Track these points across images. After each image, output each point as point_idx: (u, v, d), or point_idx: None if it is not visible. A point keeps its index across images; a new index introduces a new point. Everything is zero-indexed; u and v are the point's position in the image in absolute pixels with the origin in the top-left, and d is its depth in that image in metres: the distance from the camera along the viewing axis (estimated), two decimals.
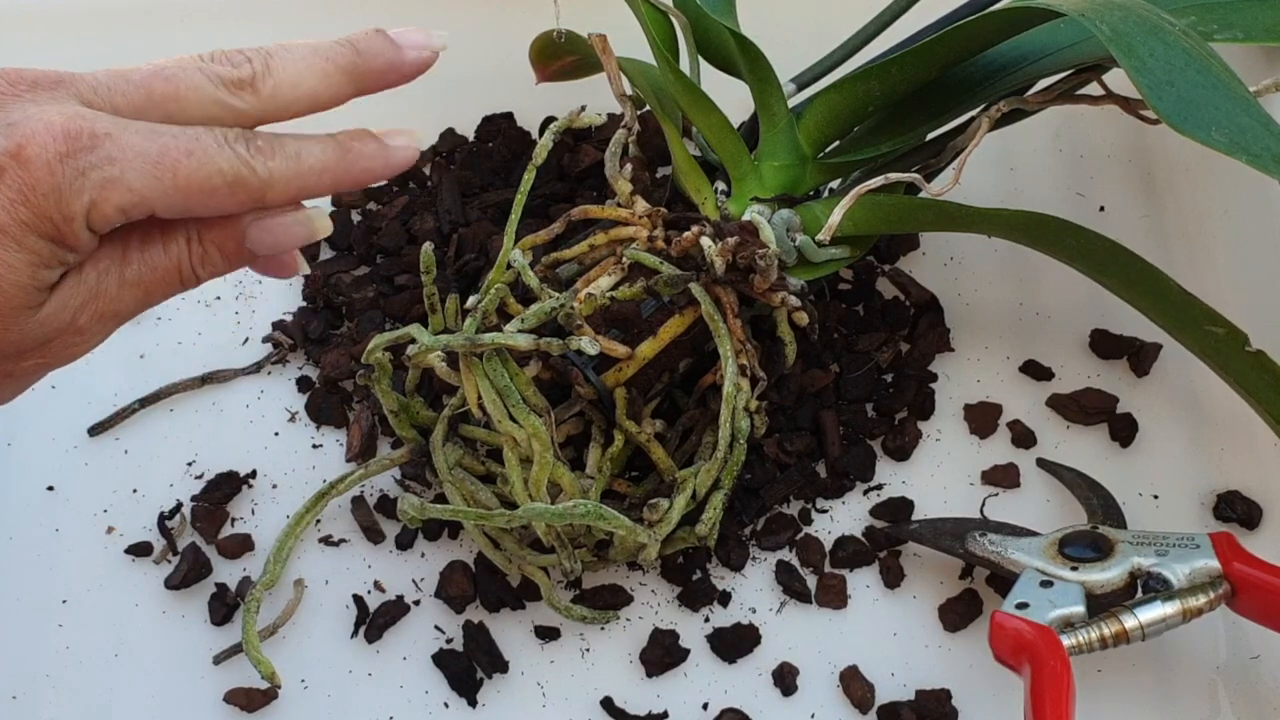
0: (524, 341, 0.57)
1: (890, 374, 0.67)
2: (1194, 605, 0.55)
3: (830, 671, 0.60)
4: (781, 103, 0.63)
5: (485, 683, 0.60)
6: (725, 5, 0.65)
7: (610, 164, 0.63)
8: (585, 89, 0.70)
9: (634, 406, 0.59)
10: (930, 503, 0.64)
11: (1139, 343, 0.68)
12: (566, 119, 0.63)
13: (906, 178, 0.59)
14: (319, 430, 0.67)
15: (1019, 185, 0.74)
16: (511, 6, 0.76)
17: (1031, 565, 0.57)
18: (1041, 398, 0.67)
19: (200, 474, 0.66)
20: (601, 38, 0.62)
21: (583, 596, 0.62)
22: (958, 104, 0.63)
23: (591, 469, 0.59)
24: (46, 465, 0.67)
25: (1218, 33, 0.59)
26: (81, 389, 0.69)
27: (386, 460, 0.63)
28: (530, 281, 0.60)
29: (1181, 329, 0.58)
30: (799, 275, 0.62)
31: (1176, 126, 0.48)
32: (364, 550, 0.64)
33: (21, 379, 0.49)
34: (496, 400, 0.57)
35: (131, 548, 0.64)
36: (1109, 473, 0.64)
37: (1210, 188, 0.72)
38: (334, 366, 0.67)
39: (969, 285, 0.71)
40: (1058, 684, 0.52)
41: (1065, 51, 0.62)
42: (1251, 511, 0.63)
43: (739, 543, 0.63)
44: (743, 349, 0.59)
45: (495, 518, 0.57)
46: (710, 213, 0.62)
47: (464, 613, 0.62)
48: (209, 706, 0.60)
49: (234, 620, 0.62)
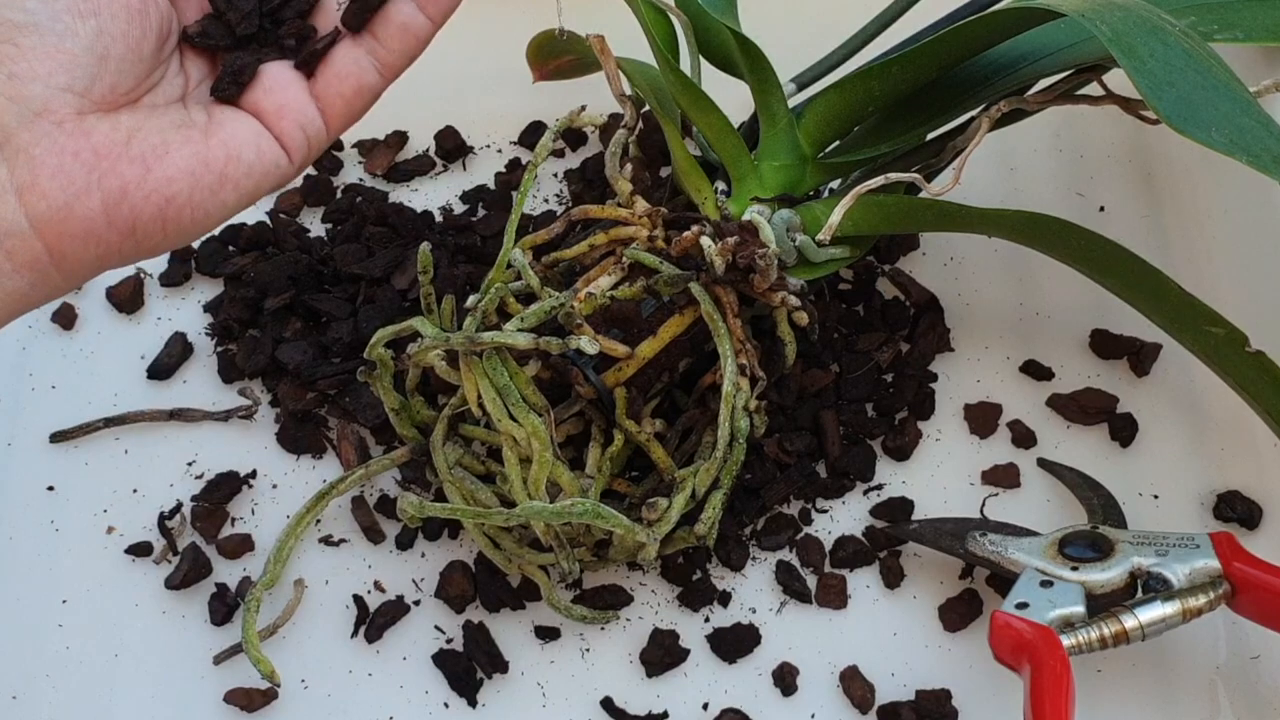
0: (523, 340, 0.57)
1: (890, 374, 0.67)
2: (1194, 605, 0.55)
3: (830, 671, 0.60)
4: (782, 103, 0.63)
5: (485, 683, 0.60)
6: (726, 5, 0.65)
7: (610, 164, 0.63)
8: (584, 88, 0.70)
9: (634, 406, 0.59)
10: (930, 503, 0.64)
11: (1139, 343, 0.68)
12: (566, 118, 0.63)
13: (906, 178, 0.59)
14: (298, 460, 0.67)
15: (1019, 185, 0.74)
16: (510, 6, 0.76)
17: (1031, 565, 0.57)
18: (1041, 398, 0.67)
19: (200, 474, 0.66)
20: (600, 39, 0.62)
21: (583, 596, 0.62)
22: (958, 104, 0.63)
23: (591, 468, 0.59)
24: (46, 465, 0.67)
25: (1218, 33, 0.59)
26: (82, 389, 0.69)
27: (387, 460, 0.63)
28: (530, 281, 0.60)
29: (1181, 329, 0.58)
30: (799, 275, 0.62)
31: (1176, 127, 0.48)
32: (364, 550, 0.64)
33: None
34: (496, 399, 0.57)
35: (131, 548, 0.64)
36: (1109, 473, 0.64)
37: (1210, 188, 0.72)
38: (291, 397, 0.67)
39: (969, 285, 0.71)
40: (1058, 684, 0.52)
41: (1065, 51, 0.62)
42: (1251, 511, 0.63)
43: (739, 543, 0.63)
44: (743, 349, 0.59)
45: (493, 516, 0.57)
46: (710, 213, 0.62)
47: (464, 613, 0.62)
48: (209, 706, 0.60)
49: (234, 620, 0.62)
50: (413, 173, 0.76)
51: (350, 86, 0.52)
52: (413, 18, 0.51)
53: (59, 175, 0.45)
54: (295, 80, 0.51)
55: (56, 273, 0.47)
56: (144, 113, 0.48)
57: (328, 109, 0.52)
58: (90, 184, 0.46)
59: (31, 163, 0.45)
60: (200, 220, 0.49)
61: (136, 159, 0.47)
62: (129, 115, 0.48)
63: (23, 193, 0.45)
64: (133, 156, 0.47)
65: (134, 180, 0.47)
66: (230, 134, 0.49)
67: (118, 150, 0.47)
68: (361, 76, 0.52)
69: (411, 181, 0.76)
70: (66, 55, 0.46)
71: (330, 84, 0.52)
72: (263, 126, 0.50)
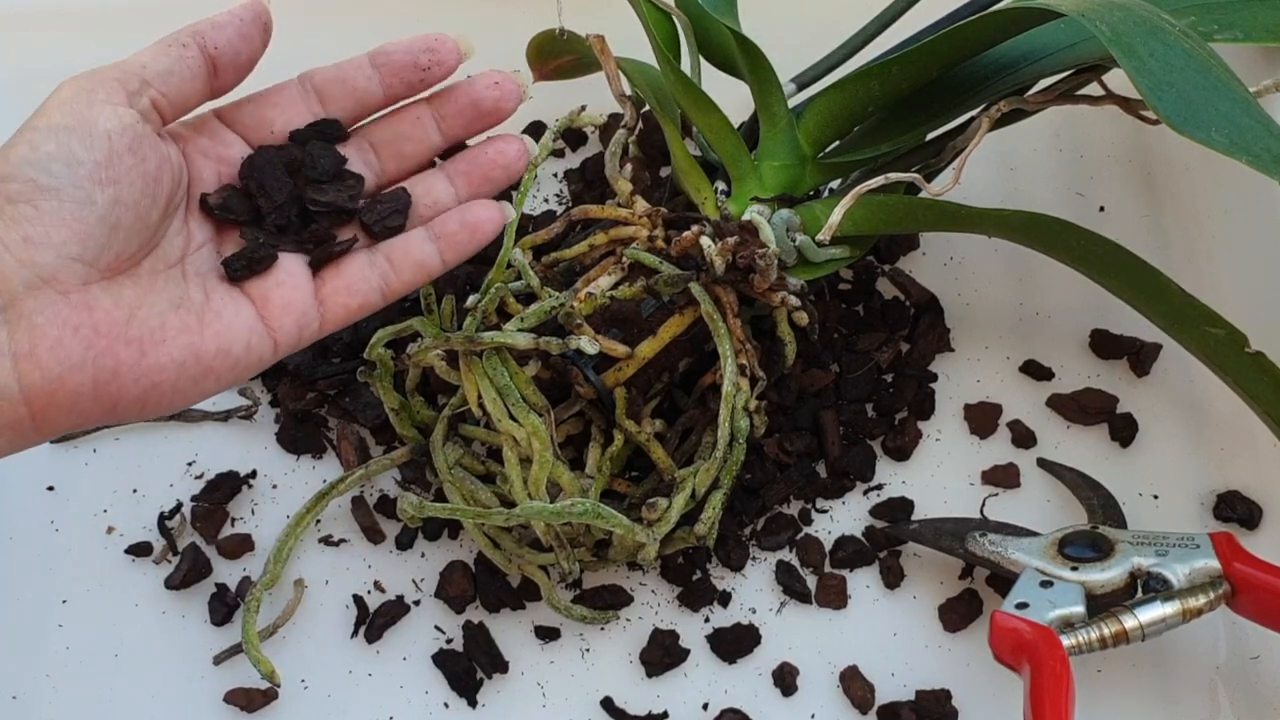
0: (523, 340, 0.57)
1: (890, 374, 0.67)
2: (1194, 605, 0.55)
3: (830, 671, 0.60)
4: (782, 103, 0.63)
5: (485, 683, 0.60)
6: (726, 5, 0.65)
7: (610, 164, 0.63)
8: (584, 88, 0.70)
9: (634, 406, 0.59)
10: (930, 503, 0.64)
11: (1139, 343, 0.68)
12: (566, 118, 0.63)
13: (906, 178, 0.59)
14: (298, 460, 0.67)
15: (1019, 185, 0.74)
16: (510, 6, 0.76)
17: (1031, 565, 0.57)
18: (1041, 398, 0.67)
19: (200, 474, 0.66)
20: (600, 39, 0.62)
21: (583, 596, 0.62)
22: (958, 104, 0.63)
23: (591, 468, 0.59)
24: (46, 465, 0.67)
25: (1218, 33, 0.59)
26: None
27: (387, 460, 0.63)
28: (530, 281, 0.60)
29: (1181, 329, 0.58)
30: (799, 275, 0.62)
31: (1176, 127, 0.48)
32: (364, 550, 0.64)
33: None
34: (496, 399, 0.57)
35: (131, 548, 0.64)
36: (1109, 473, 0.64)
37: (1210, 188, 0.72)
38: (291, 397, 0.67)
39: (969, 285, 0.71)
40: (1058, 684, 0.52)
41: (1065, 51, 0.62)
42: (1251, 511, 0.63)
43: (739, 543, 0.63)
44: (742, 349, 0.59)
45: (493, 516, 0.57)
46: (710, 213, 0.62)
47: (464, 613, 0.62)
48: (209, 706, 0.60)
49: (234, 620, 0.62)
50: None
51: (356, 302, 0.53)
52: (431, 259, 0.54)
53: (57, 349, 0.46)
54: (306, 279, 0.52)
55: (34, 434, 0.47)
56: (144, 283, 0.49)
57: (328, 314, 0.53)
58: (86, 361, 0.46)
59: (32, 331, 0.45)
60: (178, 404, 0.50)
61: (134, 341, 0.47)
62: (131, 287, 0.48)
63: (19, 359, 0.45)
64: (130, 338, 0.47)
65: (128, 364, 0.47)
66: (226, 326, 0.50)
67: (117, 330, 0.47)
68: (368, 295, 0.53)
69: None
70: (81, 225, 0.46)
71: (338, 293, 0.53)
72: (258, 319, 0.51)
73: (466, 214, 0.54)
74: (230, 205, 0.52)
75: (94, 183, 0.46)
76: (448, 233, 0.54)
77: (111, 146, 0.47)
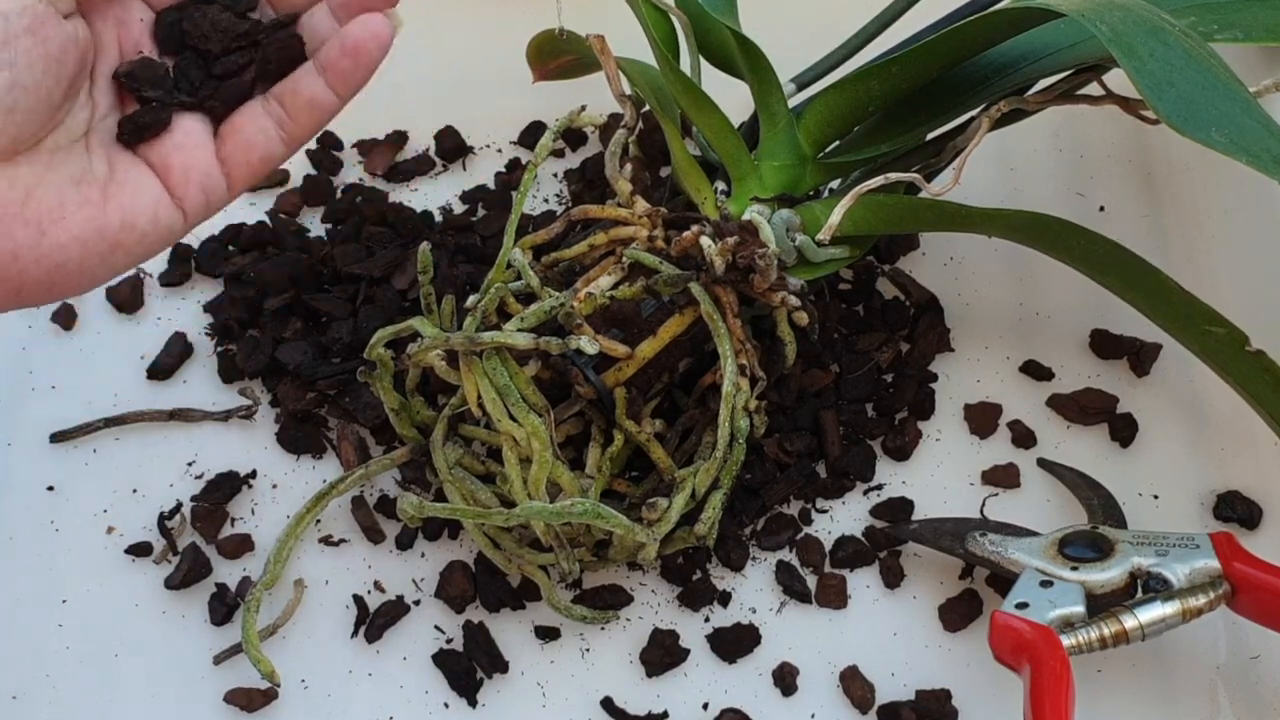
0: (523, 340, 0.57)
1: (890, 374, 0.67)
2: (1194, 605, 0.55)
3: (830, 671, 0.60)
4: (781, 103, 0.63)
5: (485, 683, 0.60)
6: (726, 5, 0.65)
7: (610, 164, 0.63)
8: (584, 88, 0.70)
9: (634, 406, 0.59)
10: (930, 503, 0.64)
11: (1139, 343, 0.68)
12: (566, 118, 0.63)
13: (906, 178, 0.59)
14: (298, 460, 0.67)
15: (1019, 185, 0.74)
16: (510, 6, 0.76)
17: (1031, 565, 0.57)
18: (1041, 398, 0.67)
19: (200, 474, 0.66)
20: (600, 38, 0.62)
21: (583, 596, 0.62)
22: (958, 104, 0.63)
23: (591, 469, 0.59)
24: (46, 465, 0.67)
25: (1218, 33, 0.59)
26: (82, 389, 0.69)
27: (387, 460, 0.63)
28: (530, 281, 0.60)
29: (1181, 329, 0.58)
30: (799, 275, 0.62)
31: (1176, 126, 0.48)
32: (364, 550, 0.64)
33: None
34: (496, 399, 0.57)
35: (131, 548, 0.64)
36: (1109, 473, 0.64)
37: (1210, 188, 0.72)
38: (291, 397, 0.67)
39: (969, 285, 0.71)
40: (1058, 684, 0.52)
41: (1065, 51, 0.62)
42: (1251, 511, 0.63)
43: (739, 543, 0.63)
44: (742, 349, 0.59)
45: (493, 516, 0.57)
46: (710, 213, 0.62)
47: (464, 613, 0.62)
48: (209, 706, 0.60)
49: (234, 620, 0.62)
50: (413, 173, 0.76)
51: (257, 155, 0.51)
52: (322, 94, 0.51)
53: None
54: (206, 139, 0.51)
55: None
56: (44, 162, 0.47)
57: (232, 173, 0.51)
58: None
59: None
60: (87, 283, 0.48)
61: (31, 222, 0.46)
62: (28, 166, 0.47)
63: None
64: (28, 219, 0.46)
65: (27, 245, 0.46)
66: (130, 197, 0.49)
67: (13, 211, 0.46)
68: (268, 146, 0.51)
69: (411, 181, 0.76)
70: None
71: (238, 151, 0.51)
72: (163, 188, 0.50)
73: (346, 38, 0.51)
74: (136, 74, 0.50)
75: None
76: (331, 62, 0.51)
77: (7, 28, 0.45)
